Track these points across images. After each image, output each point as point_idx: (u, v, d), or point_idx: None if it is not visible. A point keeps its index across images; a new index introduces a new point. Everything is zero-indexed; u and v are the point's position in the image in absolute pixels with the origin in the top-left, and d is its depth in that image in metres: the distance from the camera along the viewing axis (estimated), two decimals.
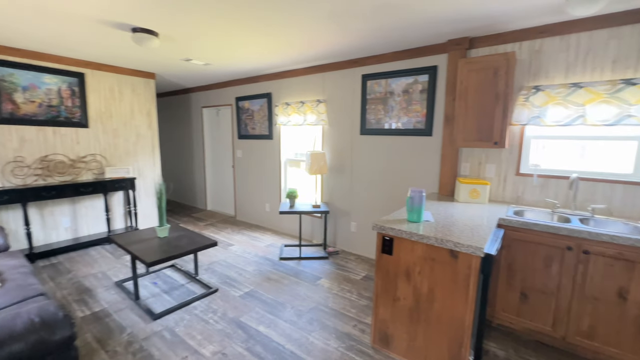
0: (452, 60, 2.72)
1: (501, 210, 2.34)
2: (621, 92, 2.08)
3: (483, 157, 2.72)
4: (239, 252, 3.70)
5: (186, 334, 2.16)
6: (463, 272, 1.64)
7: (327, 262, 3.43)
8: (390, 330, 1.96)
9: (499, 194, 2.67)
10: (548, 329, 2.03)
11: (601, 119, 2.14)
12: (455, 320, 1.69)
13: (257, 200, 4.79)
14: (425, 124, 3.02)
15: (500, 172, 2.65)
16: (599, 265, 1.84)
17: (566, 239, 1.92)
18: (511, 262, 2.13)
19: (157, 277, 3.01)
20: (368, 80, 3.36)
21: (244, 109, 4.74)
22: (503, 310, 2.20)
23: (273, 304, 2.55)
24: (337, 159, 3.74)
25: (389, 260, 1.90)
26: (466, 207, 2.40)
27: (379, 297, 1.98)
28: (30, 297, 1.77)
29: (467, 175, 2.82)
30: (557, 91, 2.29)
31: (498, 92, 2.33)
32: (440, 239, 1.68)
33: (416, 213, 1.95)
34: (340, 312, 2.45)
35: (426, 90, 2.98)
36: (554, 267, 1.98)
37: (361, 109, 3.44)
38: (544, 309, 2.04)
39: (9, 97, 3.21)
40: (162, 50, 3.16)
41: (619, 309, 1.80)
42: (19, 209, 3.36)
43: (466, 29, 2.43)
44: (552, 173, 2.43)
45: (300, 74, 3.90)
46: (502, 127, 2.34)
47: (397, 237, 1.85)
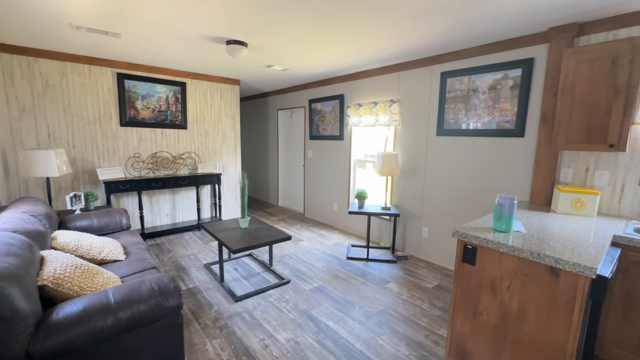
0: (554, 50, 2.38)
1: (616, 225, 1.96)
2: None
3: (591, 162, 2.32)
4: (308, 248, 3.85)
5: (263, 318, 2.35)
6: (566, 294, 1.43)
7: (395, 266, 3.34)
8: (469, 346, 1.81)
9: (613, 207, 2.24)
10: None
11: None
12: (553, 346, 1.48)
13: (326, 199, 4.92)
14: (516, 124, 2.71)
15: (615, 180, 2.22)
16: None
17: None
18: (630, 289, 1.77)
19: (237, 263, 3.34)
20: (448, 78, 3.16)
21: (316, 110, 4.92)
22: (616, 346, 1.84)
23: (341, 302, 2.59)
24: (410, 160, 3.61)
25: (471, 271, 1.76)
26: (567, 220, 2.08)
27: (457, 308, 1.85)
28: (147, 269, 2.15)
29: (568, 183, 2.43)
30: None
31: (618, 84, 1.95)
32: (536, 252, 1.49)
33: (505, 222, 1.76)
34: (410, 319, 2.37)
35: (518, 85, 2.67)
36: None
37: (439, 108, 3.25)
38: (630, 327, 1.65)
39: (132, 105, 3.93)
40: (248, 59, 3.48)
41: None
42: (135, 196, 4.09)
43: (574, 13, 2.10)
44: None
45: (374, 75, 3.87)
46: (621, 127, 1.96)
47: (482, 246, 1.70)
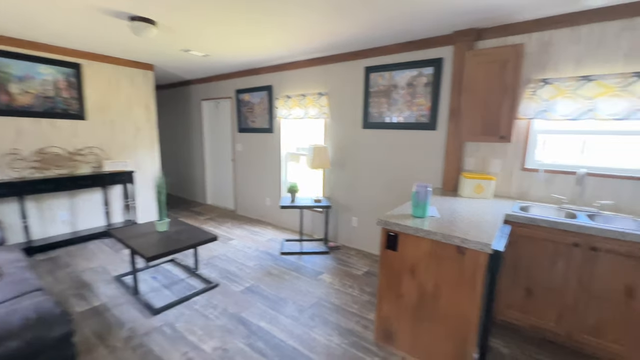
0: (459, 52, 2.65)
1: (507, 205, 2.30)
2: (633, 86, 2.02)
3: (488, 152, 2.67)
4: (240, 246, 3.66)
5: (187, 329, 2.13)
6: (470, 269, 1.61)
7: (328, 257, 3.40)
8: (394, 327, 1.93)
9: (505, 190, 2.63)
10: (552, 325, 2.01)
11: (611, 113, 2.09)
12: (461, 317, 1.67)
13: (258, 194, 4.75)
14: (430, 118, 2.97)
15: (505, 167, 2.61)
16: (606, 262, 1.81)
17: (573, 236, 1.88)
18: (517, 258, 2.10)
19: (156, 271, 2.98)
20: (371, 73, 3.29)
21: (244, 101, 4.67)
22: (508, 307, 2.17)
23: (274, 300, 2.52)
24: (340, 153, 3.69)
25: (394, 257, 1.87)
26: (471, 203, 2.36)
27: (383, 293, 1.95)
28: (27, 292, 1.73)
29: (471, 170, 2.77)
30: (566, 84, 2.23)
31: (506, 85, 2.27)
32: (447, 235, 1.64)
33: (421, 208, 1.90)
34: (342, 307, 2.43)
35: (431, 83, 2.92)
36: (560, 264, 1.95)
37: (364, 102, 3.37)
38: (549, 306, 2.02)
39: (3, 88, 3.13)
40: (161, 41, 3.08)
41: (626, 306, 1.78)
42: (16, 202, 3.31)
43: (474, 20, 2.36)
44: (558, 168, 2.39)
45: (302, 66, 3.82)
46: (508, 121, 2.29)
47: (402, 233, 1.81)
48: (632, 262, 1.74)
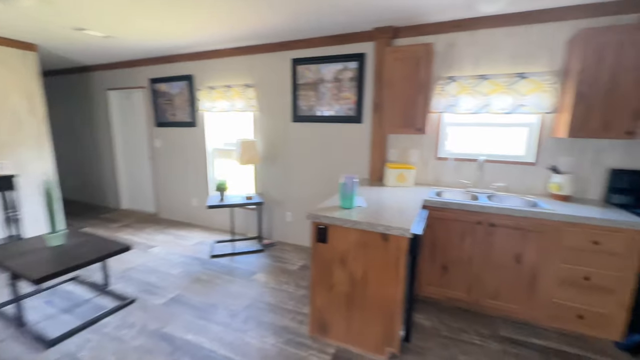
0: (379, 48, 2.78)
1: (425, 192, 2.52)
2: (516, 85, 2.38)
3: (408, 143, 2.89)
4: (162, 254, 3.30)
5: (93, 357, 1.81)
6: (394, 254, 1.70)
7: (263, 255, 3.29)
8: (328, 318, 1.95)
9: (423, 177, 2.88)
10: (464, 295, 2.28)
11: (501, 107, 2.44)
12: (388, 300, 1.76)
13: (183, 194, 4.34)
14: (356, 111, 3.07)
15: (423, 156, 2.85)
16: (501, 235, 2.11)
17: (476, 215, 2.15)
18: (434, 239, 2.32)
19: (52, 294, 2.48)
20: (298, 65, 3.24)
21: (160, 92, 4.18)
22: (427, 284, 2.39)
23: (203, 308, 2.32)
24: (270, 147, 3.58)
25: (324, 249, 1.87)
26: (395, 191, 2.52)
27: (316, 286, 1.95)
28: None
29: (394, 161, 2.96)
30: (467, 82, 2.52)
31: (420, 81, 2.46)
32: (372, 223, 1.70)
33: (349, 199, 1.95)
34: (277, 306, 2.37)
35: (356, 77, 3.01)
36: (467, 241, 2.21)
37: (292, 95, 3.32)
38: (460, 278, 2.28)
39: None
40: (43, 16, 2.52)
41: (516, 271, 2.11)
42: None
43: (390, 18, 2.49)
44: (464, 157, 2.71)
45: (226, 55, 3.57)
46: (423, 115, 2.49)
47: (331, 224, 1.82)
48: (519, 233, 2.06)
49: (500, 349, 1.94)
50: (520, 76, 2.36)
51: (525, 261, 2.07)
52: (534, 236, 2.03)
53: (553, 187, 2.32)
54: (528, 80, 2.34)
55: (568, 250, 1.96)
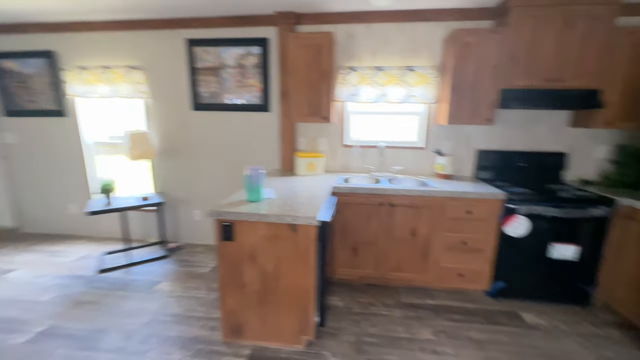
0: (282, 33, 2.69)
1: (334, 179, 2.59)
2: (406, 77, 2.62)
3: (316, 132, 2.92)
4: (27, 278, 2.61)
5: None
6: (303, 243, 1.69)
7: (167, 261, 2.93)
8: (242, 318, 1.84)
9: (332, 165, 2.96)
10: (372, 271, 2.47)
11: (396, 97, 2.66)
12: (301, 290, 1.75)
13: (55, 200, 3.50)
14: (263, 100, 2.94)
15: (331, 145, 2.93)
16: (399, 213, 2.33)
17: (378, 197, 2.32)
18: (344, 223, 2.42)
19: None
20: (195, 47, 2.91)
21: (8, 71, 3.22)
22: (340, 266, 2.50)
23: (87, 336, 1.93)
24: (168, 139, 3.16)
25: (232, 247, 1.74)
26: (305, 180, 2.52)
27: (225, 288, 1.81)
28: None
29: (304, 150, 2.97)
30: (366, 72, 2.66)
31: (323, 69, 2.48)
32: (280, 215, 1.65)
33: (255, 192, 1.84)
34: (185, 315, 2.13)
35: (260, 64, 2.86)
36: (372, 221, 2.38)
37: (191, 80, 2.97)
38: (368, 257, 2.45)
39: None
40: None
41: (412, 244, 2.37)
42: None
43: (291, 3, 2.41)
44: (367, 144, 2.89)
45: (102, 29, 2.95)
46: (328, 103, 2.53)
47: (237, 220, 1.70)
48: (414, 211, 2.31)
49: (402, 314, 2.17)
50: (409, 69, 2.61)
51: (419, 234, 2.35)
52: (425, 212, 2.31)
53: (438, 168, 2.68)
54: (416, 73, 2.61)
55: (450, 220, 2.29)
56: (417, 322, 2.09)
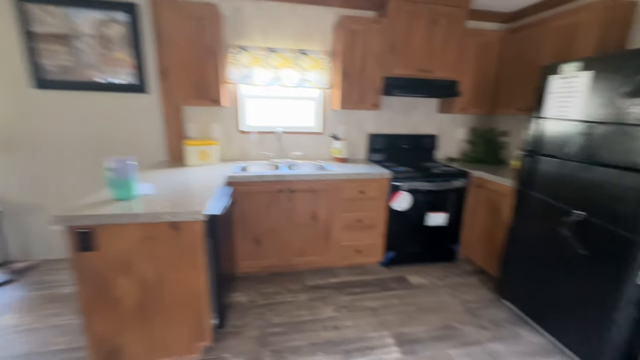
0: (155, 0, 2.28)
1: (230, 168, 2.40)
2: (299, 60, 2.59)
3: (207, 117, 2.64)
4: None
5: None
6: (188, 242, 1.49)
7: (13, 287, 2.25)
8: (118, 342, 1.53)
9: (229, 153, 2.75)
10: (276, 260, 2.42)
11: (290, 81, 2.60)
12: (191, 294, 1.56)
13: None
14: (138, 79, 2.47)
15: (225, 131, 2.70)
16: (299, 199, 2.33)
17: (277, 184, 2.26)
18: (243, 214, 2.27)
19: None
20: (29, 4, 2.21)
21: None
22: (243, 260, 2.37)
23: None
24: None
25: (94, 258, 1.40)
26: (197, 171, 2.25)
27: (90, 309, 1.46)
28: None
29: (195, 137, 2.65)
30: (258, 53, 2.51)
31: (208, 45, 2.21)
32: (156, 213, 1.40)
33: (125, 189, 1.52)
34: (38, 352, 1.67)
35: (130, 35, 2.38)
36: (273, 209, 2.31)
37: (26, 48, 2.26)
38: (272, 246, 2.38)
39: None
40: None
41: (313, 227, 2.41)
42: None
43: None
44: (265, 129, 2.77)
45: None
46: (217, 85, 2.29)
47: (100, 225, 1.37)
48: (312, 195, 2.34)
49: (307, 297, 2.20)
50: (303, 53, 2.58)
51: (320, 217, 2.40)
52: (324, 195, 2.36)
53: (334, 152, 2.78)
54: (309, 57, 2.59)
55: (346, 201, 2.40)
56: (321, 302, 2.15)
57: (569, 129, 1.66)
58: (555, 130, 1.75)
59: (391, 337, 1.84)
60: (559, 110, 1.71)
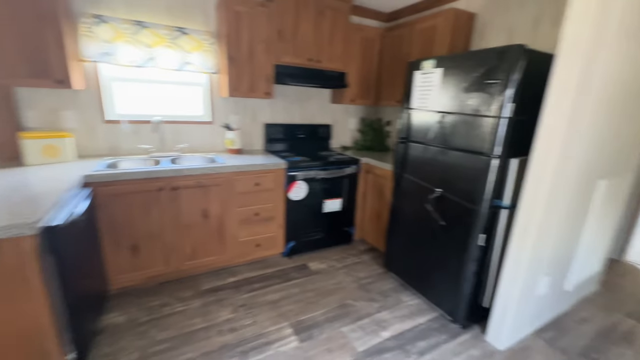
0: None
1: (91, 165, 1.97)
2: (179, 40, 2.28)
3: (56, 102, 2.09)
4: None
5: None
6: (14, 265, 1.13)
7: None
8: None
9: (93, 147, 2.26)
10: (162, 267, 2.13)
11: (169, 63, 2.28)
12: (29, 330, 1.21)
13: None
14: None
15: (85, 120, 2.20)
16: (186, 196, 2.08)
17: (157, 182, 1.96)
18: (113, 220, 1.90)
19: None
20: None
21: None
22: (118, 273, 2.00)
23: None
24: None
25: None
26: (39, 171, 1.76)
27: None
28: None
29: (36, 128, 2.07)
30: (123, 27, 2.10)
31: (43, 8, 1.71)
32: None
33: None
34: None
35: None
36: (153, 211, 2.00)
37: None
38: (155, 252, 2.08)
39: None
40: None
41: (205, 226, 2.21)
42: None
43: None
44: (140, 118, 2.37)
45: None
46: (62, 61, 1.81)
47: None
48: (202, 190, 2.13)
49: (201, 303, 2.01)
50: (181, 31, 2.28)
51: (212, 215, 2.21)
52: (214, 190, 2.17)
53: (228, 143, 2.59)
54: (190, 37, 2.31)
55: (240, 195, 2.27)
56: (217, 305, 2.00)
57: (429, 118, 1.92)
58: (419, 119, 2.00)
59: (290, 327, 1.84)
60: (421, 101, 1.95)
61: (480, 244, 1.72)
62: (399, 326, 1.89)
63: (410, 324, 1.92)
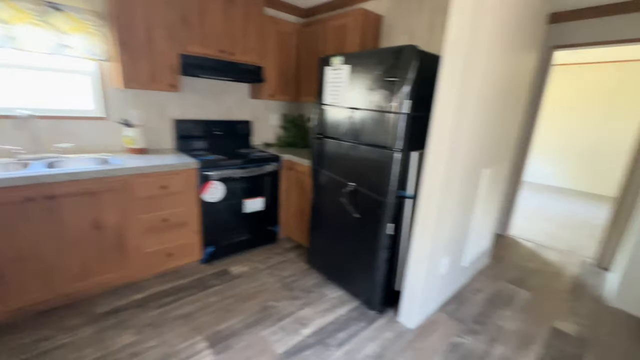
0: None
1: None
2: (51, 17, 1.89)
3: None
4: None
5: None
6: None
7: None
8: None
9: None
10: (40, 294, 1.75)
11: (37, 45, 1.87)
12: None
13: None
14: None
15: None
16: (68, 206, 1.74)
17: (23, 190, 1.59)
18: None
19: None
20: None
21: None
22: None
23: None
24: None
25: None
26: None
27: None
28: None
29: None
30: None
31: None
32: None
33: None
34: None
35: None
36: (20, 226, 1.62)
37: None
38: (26, 278, 1.70)
39: None
40: None
41: (99, 239, 1.89)
42: None
43: None
44: (4, 112, 1.91)
45: None
46: None
47: None
48: (91, 198, 1.80)
49: (95, 330, 1.72)
50: (54, 7, 1.88)
51: (107, 225, 1.90)
52: (109, 196, 1.87)
53: (127, 141, 2.27)
54: (67, 16, 1.93)
55: (143, 200, 2.01)
56: (116, 330, 1.73)
57: (340, 114, 1.95)
58: (332, 115, 2.03)
59: (204, 341, 1.70)
60: (333, 97, 1.98)
61: (390, 233, 1.82)
62: (320, 321, 1.91)
63: (331, 317, 1.95)
